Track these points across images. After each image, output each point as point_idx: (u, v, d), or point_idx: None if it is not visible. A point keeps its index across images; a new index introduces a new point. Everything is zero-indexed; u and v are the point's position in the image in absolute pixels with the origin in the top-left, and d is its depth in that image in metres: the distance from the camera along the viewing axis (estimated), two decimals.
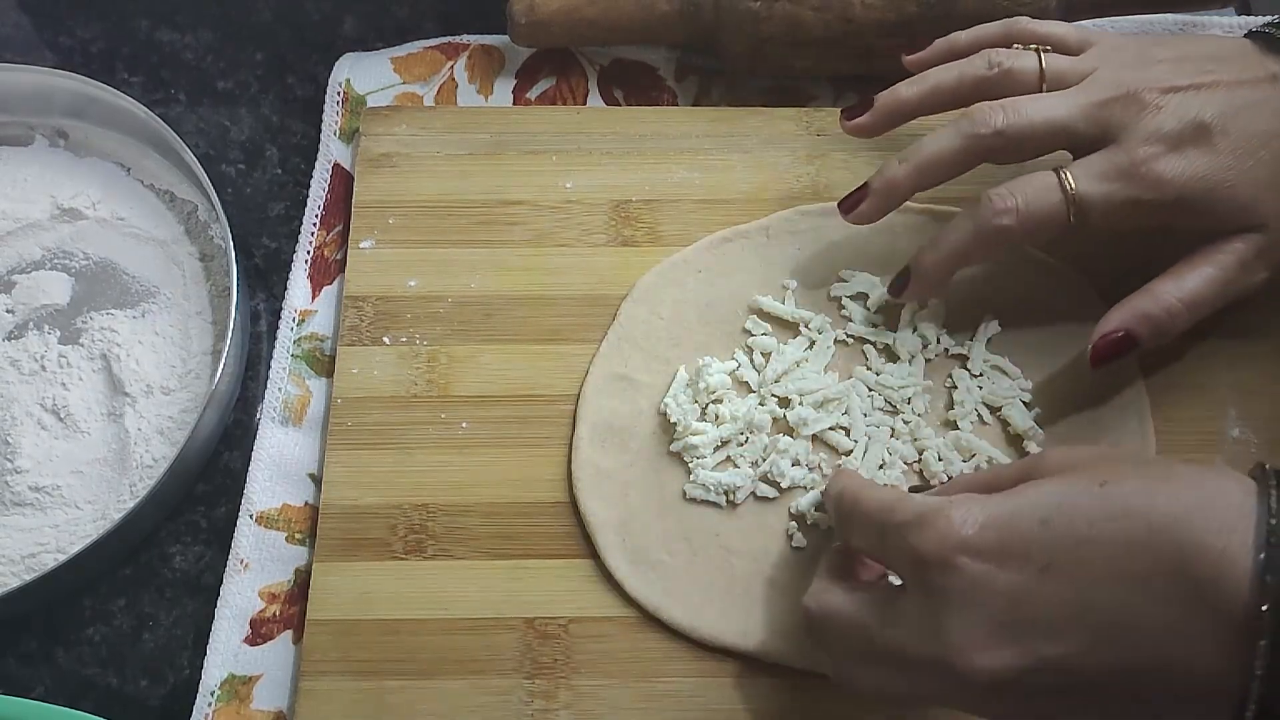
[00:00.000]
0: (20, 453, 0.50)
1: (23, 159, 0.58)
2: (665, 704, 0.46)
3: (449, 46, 0.60)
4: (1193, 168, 0.45)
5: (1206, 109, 0.45)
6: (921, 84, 0.49)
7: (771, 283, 0.53)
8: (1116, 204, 0.45)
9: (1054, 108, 0.46)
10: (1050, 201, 0.45)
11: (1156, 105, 0.45)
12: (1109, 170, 0.45)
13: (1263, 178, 0.45)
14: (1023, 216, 0.45)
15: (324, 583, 0.48)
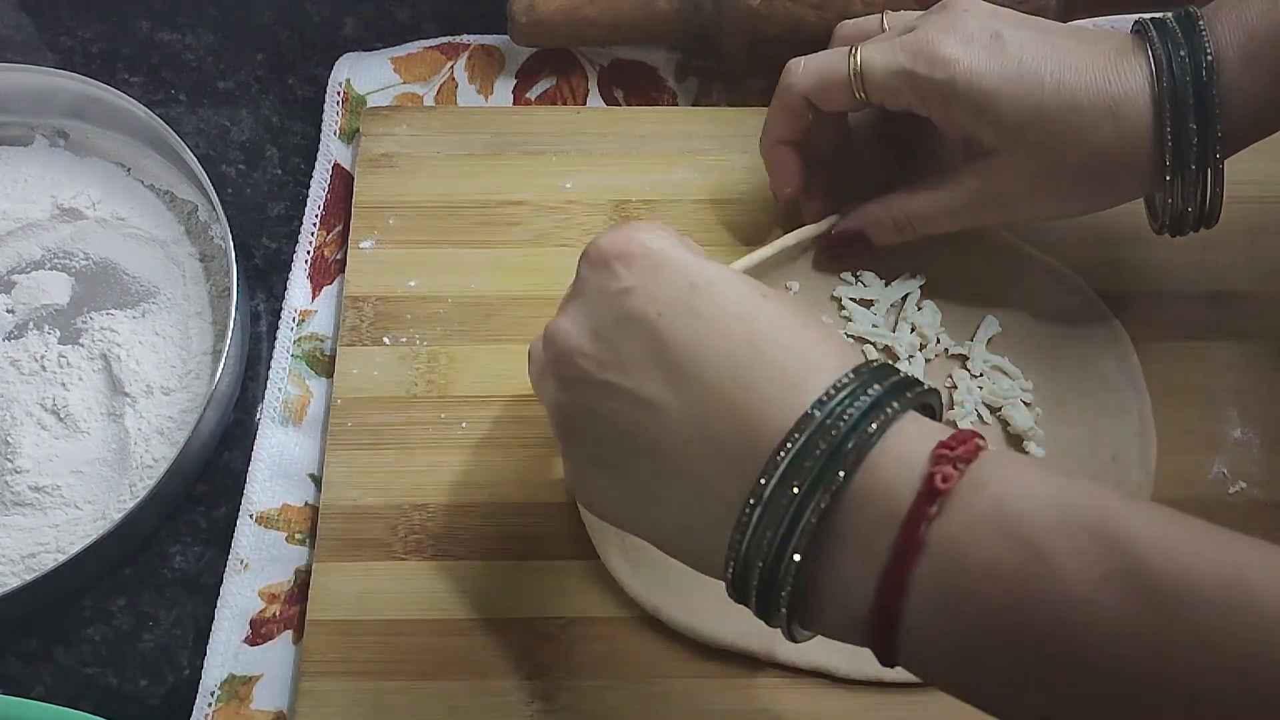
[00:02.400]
0: (20, 453, 0.50)
1: (23, 159, 0.58)
2: (665, 704, 0.46)
3: (449, 46, 0.60)
4: (973, 59, 0.45)
5: (1010, 28, 0.46)
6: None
7: (775, 284, 0.53)
8: (894, 74, 0.46)
9: (861, 23, 0.51)
10: (837, 68, 0.47)
11: (964, 9, 0.47)
12: (896, 45, 0.47)
13: (1029, 107, 0.45)
14: (809, 74, 0.48)
15: (324, 583, 0.48)
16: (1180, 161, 0.44)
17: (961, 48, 0.45)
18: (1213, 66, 0.43)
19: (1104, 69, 0.45)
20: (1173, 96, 0.44)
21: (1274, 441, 0.50)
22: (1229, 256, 0.54)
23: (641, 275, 0.37)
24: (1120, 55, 0.45)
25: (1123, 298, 0.52)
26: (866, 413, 0.33)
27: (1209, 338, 0.52)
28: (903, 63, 0.46)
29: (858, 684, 0.46)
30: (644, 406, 0.36)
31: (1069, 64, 0.45)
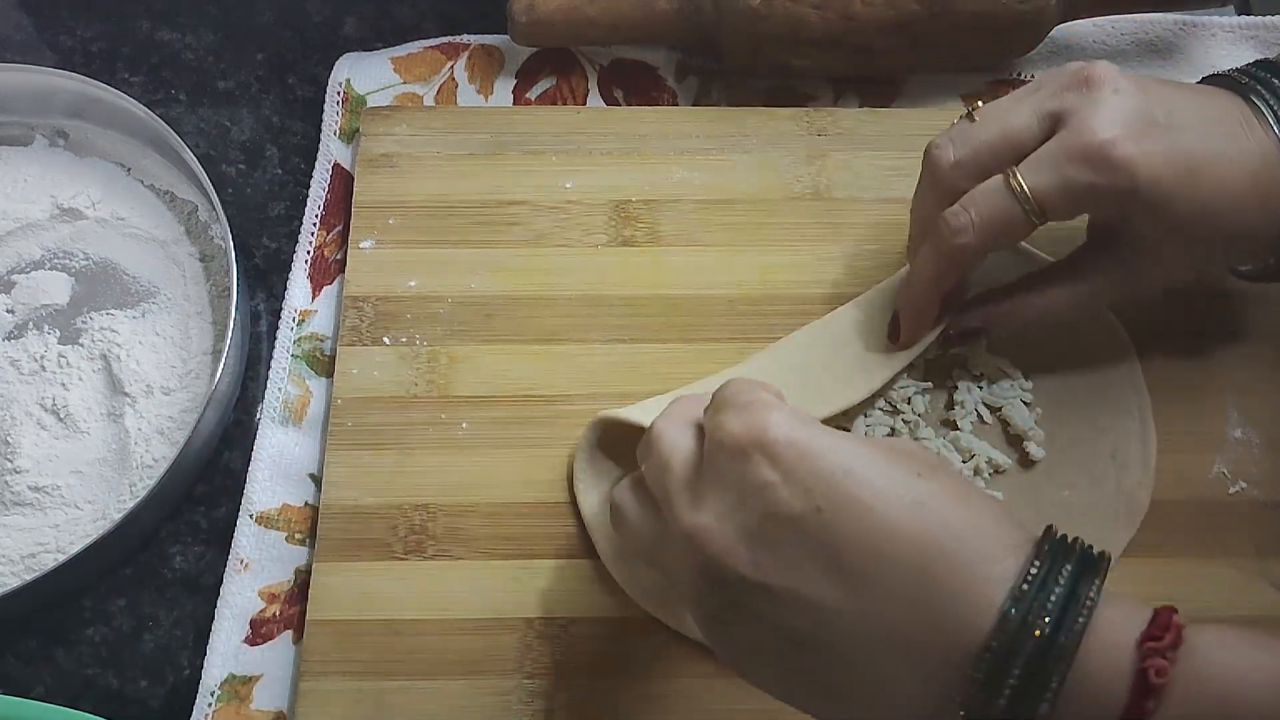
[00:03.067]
0: (20, 453, 0.50)
1: (23, 159, 0.58)
2: (665, 704, 0.46)
3: (449, 46, 0.60)
4: (1149, 160, 0.41)
5: (1161, 107, 0.43)
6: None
7: None
8: (1075, 193, 0.42)
9: (1005, 119, 0.44)
10: (1003, 205, 0.42)
11: (1114, 88, 0.42)
12: (1059, 155, 0.42)
13: (1198, 203, 0.42)
14: (979, 228, 0.43)
15: (324, 583, 0.48)
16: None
17: (1134, 145, 0.41)
18: None
19: (1243, 141, 0.43)
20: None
21: (1274, 441, 0.50)
22: None
23: (790, 467, 0.34)
24: (1247, 124, 0.43)
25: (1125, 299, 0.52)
26: (1066, 608, 0.32)
27: (1209, 337, 0.52)
28: (1080, 179, 0.41)
29: None
30: (813, 608, 0.34)
31: (1221, 151, 0.42)
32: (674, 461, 0.37)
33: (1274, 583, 0.48)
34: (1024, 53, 0.59)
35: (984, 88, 0.59)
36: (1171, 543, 0.49)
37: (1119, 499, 0.49)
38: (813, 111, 0.58)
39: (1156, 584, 0.48)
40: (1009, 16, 0.55)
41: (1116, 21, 0.60)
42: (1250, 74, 0.45)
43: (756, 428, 0.35)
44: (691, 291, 0.53)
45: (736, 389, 0.37)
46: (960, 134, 0.44)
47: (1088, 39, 0.60)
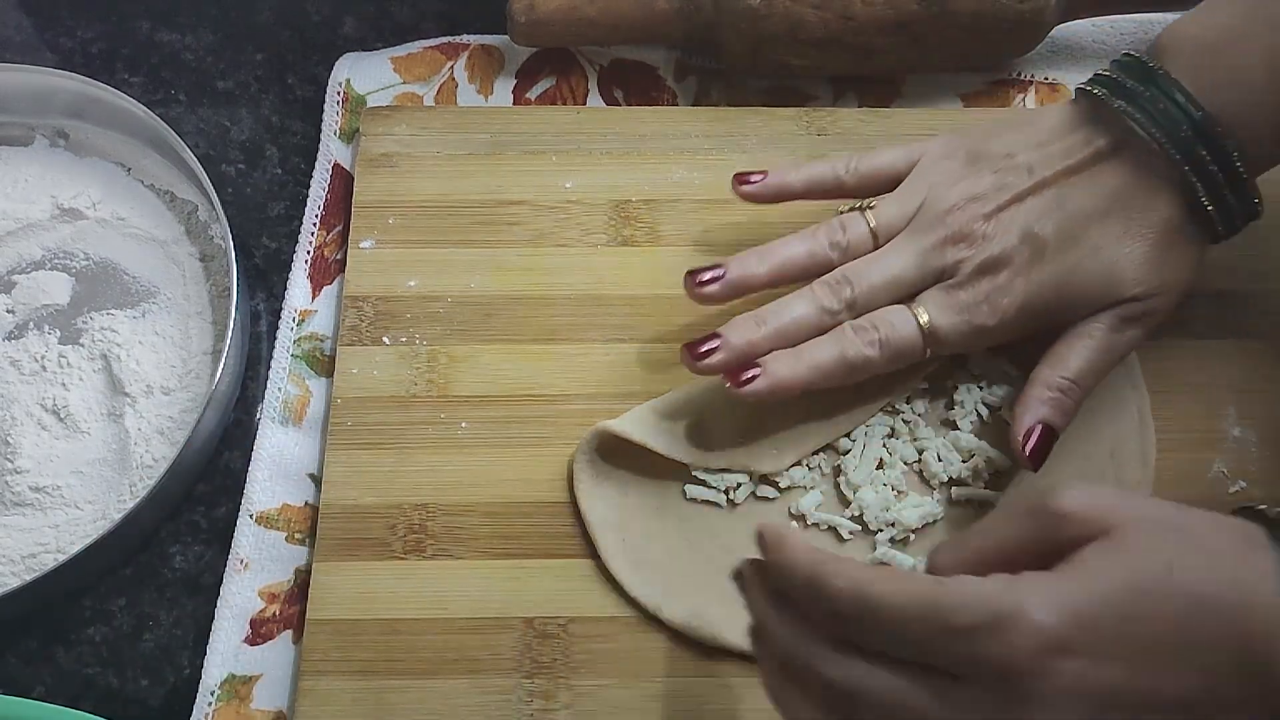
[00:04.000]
0: (20, 453, 0.50)
1: (23, 159, 0.58)
2: (665, 704, 0.46)
3: (449, 46, 0.60)
4: (1029, 284, 0.47)
5: (1032, 220, 0.47)
6: (771, 260, 0.49)
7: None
8: (967, 333, 0.47)
9: (892, 267, 0.48)
10: (908, 333, 0.47)
11: (983, 235, 0.47)
12: (953, 304, 0.47)
13: (1098, 258, 0.46)
14: (885, 347, 0.47)
15: (324, 582, 0.48)
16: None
17: (1014, 281, 0.47)
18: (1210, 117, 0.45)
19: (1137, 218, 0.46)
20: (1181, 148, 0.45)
21: (1273, 440, 0.50)
22: (1229, 255, 0.54)
23: (1085, 643, 0.33)
24: (1146, 195, 0.46)
25: None
26: None
27: (1208, 336, 0.52)
28: (975, 323, 0.47)
29: None
30: None
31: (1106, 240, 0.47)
32: (904, 698, 0.34)
33: None
34: (1024, 53, 0.59)
35: (984, 87, 0.59)
36: None
37: None
38: (813, 111, 0.58)
39: None
40: (1009, 16, 0.55)
41: (1116, 21, 0.60)
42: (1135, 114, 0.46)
43: (1031, 638, 0.33)
44: None
45: (931, 608, 0.34)
46: (855, 274, 0.48)
47: (1087, 39, 0.60)
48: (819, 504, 0.49)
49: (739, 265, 0.49)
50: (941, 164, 0.50)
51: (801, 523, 0.49)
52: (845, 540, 0.48)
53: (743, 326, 0.48)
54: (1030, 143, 0.48)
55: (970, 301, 0.47)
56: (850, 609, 0.35)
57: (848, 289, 0.48)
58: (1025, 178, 0.47)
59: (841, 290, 0.48)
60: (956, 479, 0.49)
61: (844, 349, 0.47)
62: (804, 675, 0.36)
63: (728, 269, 0.49)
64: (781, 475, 0.49)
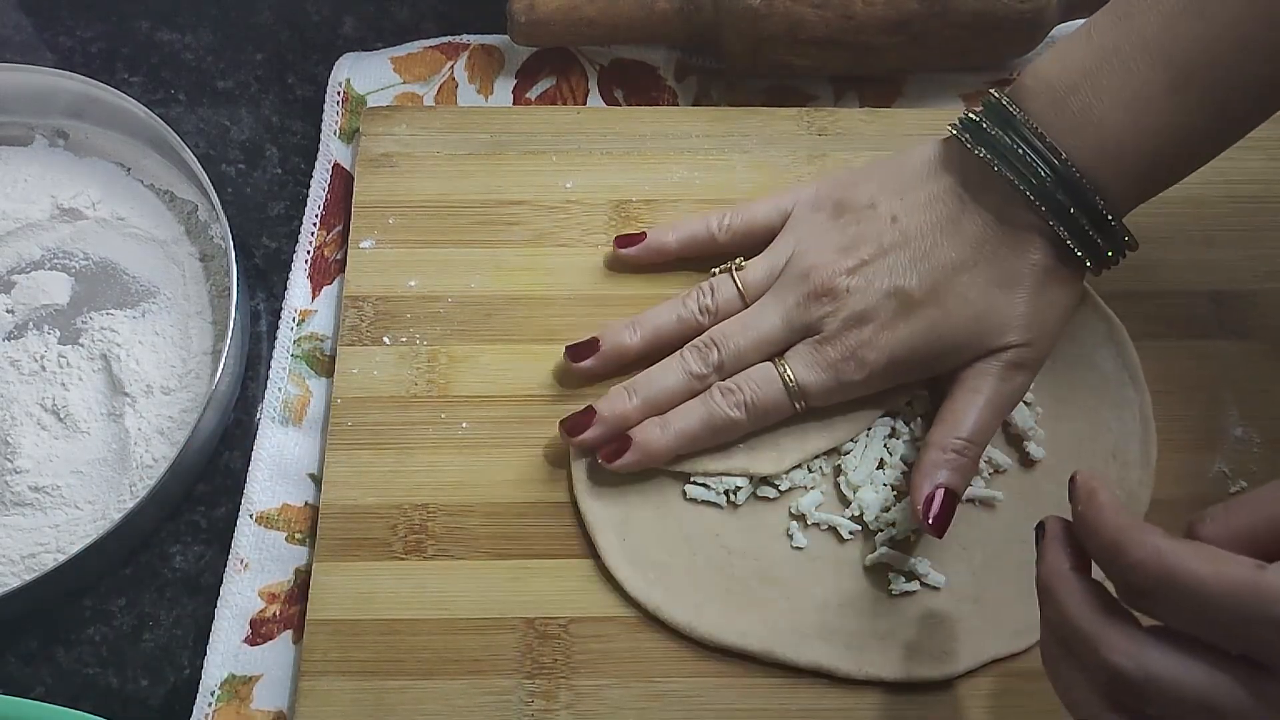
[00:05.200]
0: (20, 453, 0.50)
1: (23, 159, 0.58)
2: (665, 704, 0.46)
3: (449, 46, 0.60)
4: (896, 338, 0.47)
5: (897, 273, 0.47)
6: (642, 331, 0.50)
7: None
8: (835, 387, 0.48)
9: (758, 327, 0.49)
10: (775, 392, 0.48)
11: (846, 289, 0.47)
12: (820, 361, 0.47)
13: (968, 308, 0.46)
14: (751, 409, 0.48)
15: (324, 583, 0.48)
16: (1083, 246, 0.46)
17: (880, 335, 0.47)
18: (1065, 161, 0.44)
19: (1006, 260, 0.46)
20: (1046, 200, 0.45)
21: (1275, 440, 0.50)
22: (1230, 255, 0.54)
23: None
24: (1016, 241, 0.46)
25: (1123, 296, 0.52)
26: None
27: (1210, 336, 0.52)
28: (842, 378, 0.47)
29: (858, 684, 0.46)
30: None
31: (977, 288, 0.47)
32: (1208, 694, 0.32)
33: None
34: (1024, 52, 0.59)
35: (984, 87, 0.59)
36: None
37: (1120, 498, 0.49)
38: (813, 111, 0.58)
39: None
40: (1009, 16, 0.55)
41: None
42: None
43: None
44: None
45: (1244, 589, 0.31)
46: (723, 339, 0.49)
47: None
48: (819, 504, 0.49)
49: (613, 335, 0.50)
50: (809, 217, 0.50)
51: (801, 523, 0.49)
52: (845, 540, 0.48)
53: (615, 399, 0.49)
54: (894, 191, 0.48)
55: (836, 358, 0.47)
56: (1151, 581, 0.32)
57: (714, 353, 0.48)
58: (889, 229, 0.47)
59: (709, 354, 0.48)
60: None
61: (710, 412, 0.48)
62: (1086, 652, 0.34)
63: (603, 342, 0.50)
64: (781, 476, 0.49)
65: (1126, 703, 0.33)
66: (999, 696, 0.46)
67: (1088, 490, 0.36)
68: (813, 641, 0.46)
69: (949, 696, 0.46)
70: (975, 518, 0.49)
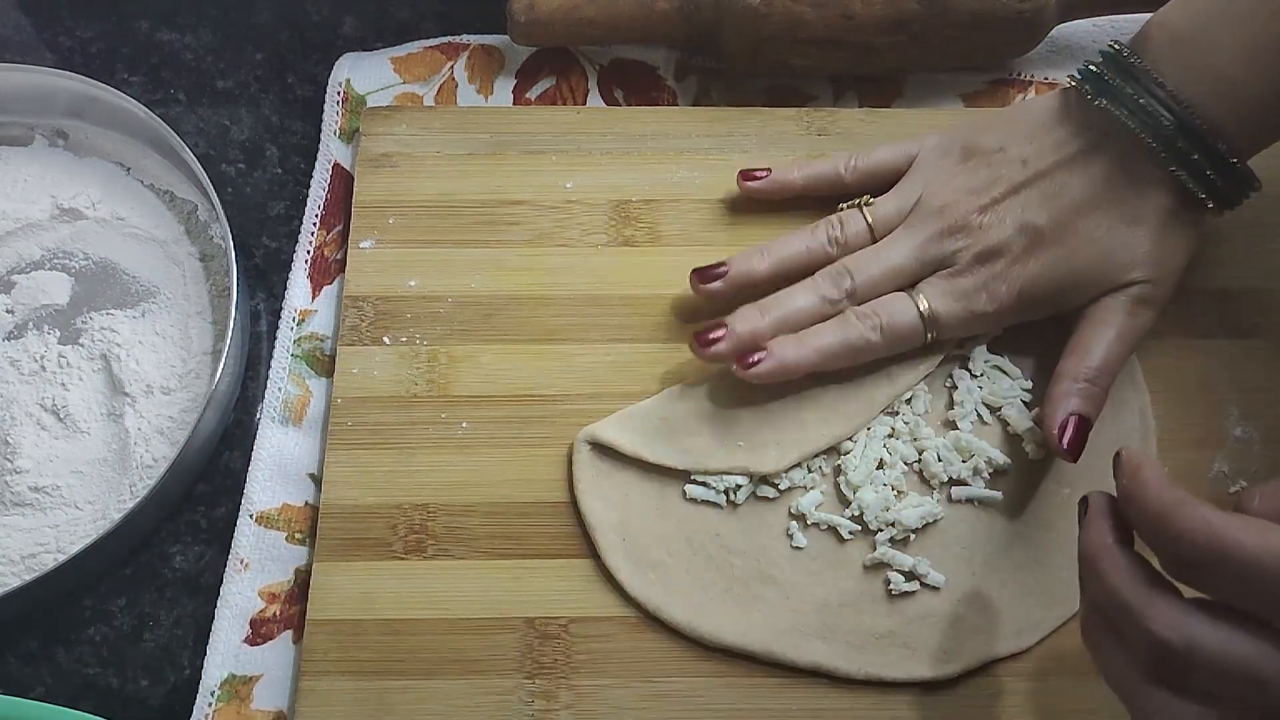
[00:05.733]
0: (20, 453, 0.50)
1: (23, 159, 0.58)
2: (665, 704, 0.46)
3: (449, 46, 0.60)
4: (1026, 272, 0.48)
5: (1028, 210, 0.48)
6: (771, 257, 0.51)
7: None
8: (967, 319, 0.49)
9: (890, 258, 0.50)
10: (909, 319, 0.49)
11: (979, 225, 0.49)
12: (952, 291, 0.49)
13: (1096, 245, 0.47)
14: (887, 333, 0.48)
15: (324, 583, 0.48)
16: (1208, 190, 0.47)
17: (1011, 269, 0.48)
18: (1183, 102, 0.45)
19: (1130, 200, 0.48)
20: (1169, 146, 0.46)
21: (1275, 440, 0.50)
22: (1231, 254, 0.54)
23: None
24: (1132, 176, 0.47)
25: None
26: None
27: (1210, 335, 0.52)
28: (974, 310, 0.49)
29: (858, 684, 0.46)
30: None
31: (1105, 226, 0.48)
32: (1251, 662, 0.32)
33: None
34: (1024, 52, 0.59)
35: (984, 87, 0.59)
36: None
37: None
38: (813, 111, 0.58)
39: None
40: (1009, 16, 0.55)
41: (1116, 21, 0.60)
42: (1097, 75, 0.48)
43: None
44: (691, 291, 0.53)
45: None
46: (856, 266, 0.49)
47: (1087, 39, 0.60)
48: (819, 504, 0.49)
49: (742, 262, 0.51)
50: (937, 161, 0.51)
51: (801, 522, 0.49)
52: (845, 540, 0.48)
53: (747, 315, 0.49)
54: (1022, 136, 0.49)
55: (969, 288, 0.48)
56: (1199, 553, 0.32)
57: (848, 279, 0.49)
58: (1020, 170, 0.49)
59: (842, 280, 0.49)
60: (956, 479, 0.49)
61: (846, 333, 0.48)
62: (1129, 625, 0.34)
63: (731, 266, 0.51)
64: (781, 476, 0.49)
65: (1169, 676, 0.33)
66: (999, 696, 0.46)
67: (1133, 465, 0.36)
68: (813, 641, 0.46)
69: (949, 696, 0.46)
70: (975, 518, 0.49)
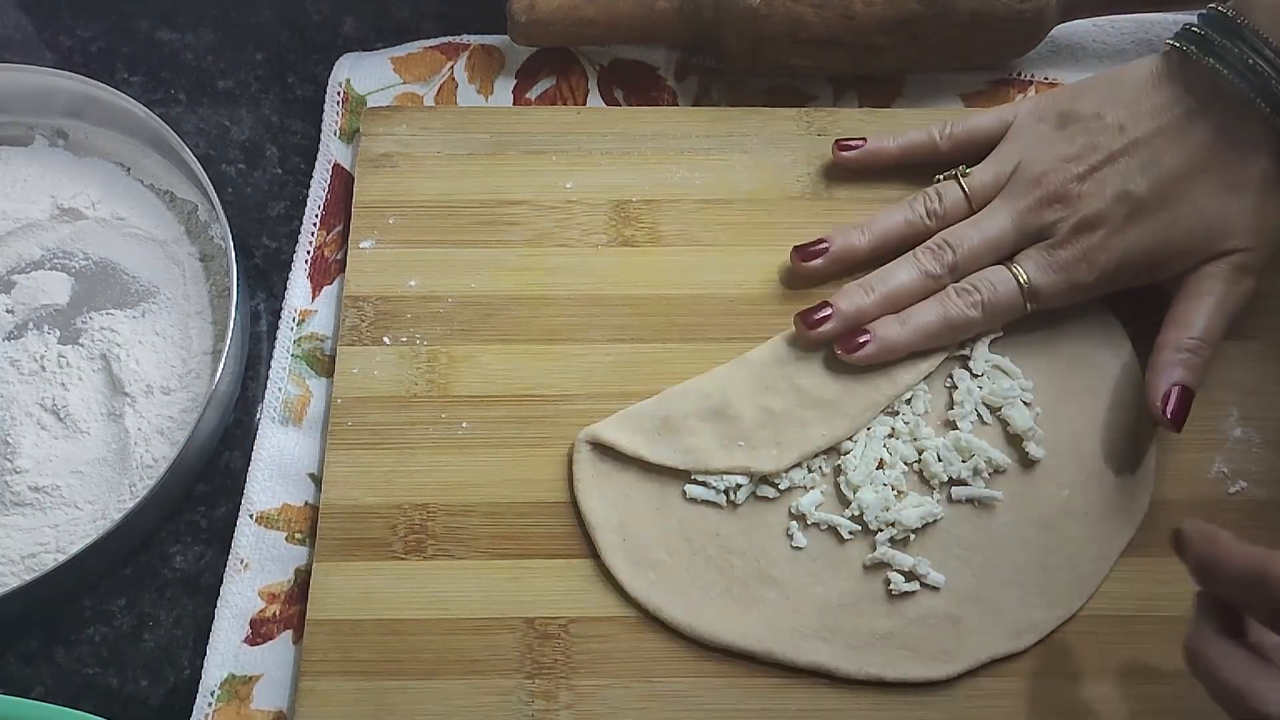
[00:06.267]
0: (20, 453, 0.50)
1: (23, 159, 0.58)
2: (665, 704, 0.46)
3: (449, 46, 0.60)
4: (1126, 242, 0.48)
5: (1127, 179, 0.48)
6: (871, 232, 0.52)
7: None
8: (1066, 290, 0.49)
9: (989, 229, 0.50)
10: (1009, 293, 0.49)
11: (1078, 195, 0.49)
12: (1052, 263, 0.49)
13: (1196, 213, 0.47)
14: (988, 308, 0.49)
15: (324, 583, 0.48)
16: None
17: (1111, 239, 0.48)
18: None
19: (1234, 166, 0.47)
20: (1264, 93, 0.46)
21: (1275, 441, 0.50)
22: None
23: None
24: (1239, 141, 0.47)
25: (1123, 296, 0.52)
26: None
27: None
28: (1074, 280, 0.49)
29: (857, 684, 0.46)
30: None
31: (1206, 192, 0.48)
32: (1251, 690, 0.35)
33: None
34: (1024, 52, 0.59)
35: (984, 87, 0.59)
36: None
37: (1119, 498, 0.49)
38: (813, 111, 0.58)
39: (1156, 584, 0.48)
40: (1009, 16, 0.55)
41: (1116, 21, 0.60)
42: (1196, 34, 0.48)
43: None
44: (691, 291, 0.53)
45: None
46: (956, 240, 0.50)
47: (1088, 39, 0.60)
48: (819, 504, 0.49)
49: (842, 238, 0.52)
50: (1033, 127, 0.51)
51: (801, 522, 0.49)
52: (845, 540, 0.48)
53: (852, 294, 0.50)
54: (1120, 102, 0.49)
55: (1069, 259, 0.48)
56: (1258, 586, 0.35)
57: (949, 253, 0.50)
58: (1117, 137, 0.48)
59: (943, 255, 0.50)
60: (956, 479, 0.49)
61: (947, 311, 0.49)
62: (1239, 710, 0.36)
63: (831, 243, 0.51)
64: (781, 476, 0.49)
65: (1202, 677, 0.37)
66: (999, 696, 0.46)
67: (1206, 535, 0.38)
68: (813, 641, 0.46)
69: (949, 696, 0.46)
70: (975, 518, 0.49)
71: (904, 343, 0.49)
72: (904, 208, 0.52)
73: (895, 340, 0.49)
